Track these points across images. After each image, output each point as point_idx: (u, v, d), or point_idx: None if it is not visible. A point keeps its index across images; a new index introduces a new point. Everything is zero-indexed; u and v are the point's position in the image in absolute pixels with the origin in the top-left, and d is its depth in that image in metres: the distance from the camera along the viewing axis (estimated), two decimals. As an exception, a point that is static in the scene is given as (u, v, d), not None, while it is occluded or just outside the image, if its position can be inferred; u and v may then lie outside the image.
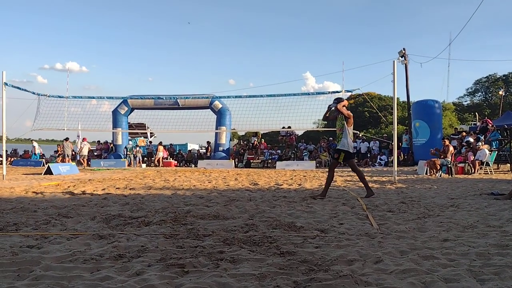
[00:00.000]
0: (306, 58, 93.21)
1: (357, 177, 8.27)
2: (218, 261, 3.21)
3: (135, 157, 24.82)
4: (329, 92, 21.54)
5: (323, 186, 8.21)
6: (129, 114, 26.10)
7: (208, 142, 27.35)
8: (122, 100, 24.78)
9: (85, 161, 23.38)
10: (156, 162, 24.93)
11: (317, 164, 22.20)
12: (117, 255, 3.41)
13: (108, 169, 20.50)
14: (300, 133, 32.41)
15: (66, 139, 24.56)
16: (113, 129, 25.13)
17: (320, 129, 34.68)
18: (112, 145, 26.56)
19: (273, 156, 24.01)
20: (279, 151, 24.79)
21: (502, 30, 75.74)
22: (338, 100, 7.84)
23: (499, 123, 21.00)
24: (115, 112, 25.37)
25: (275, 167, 22.02)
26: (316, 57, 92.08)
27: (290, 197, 7.77)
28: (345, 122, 7.68)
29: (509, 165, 17.02)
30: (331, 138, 26.39)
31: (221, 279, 2.76)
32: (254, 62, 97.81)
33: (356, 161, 23.60)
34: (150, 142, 28.30)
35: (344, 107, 7.75)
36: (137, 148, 25.84)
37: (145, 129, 27.74)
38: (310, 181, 11.80)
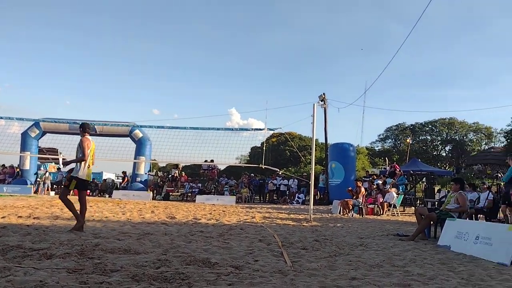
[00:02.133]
0: (233, 94, 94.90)
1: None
2: (124, 299, 3.03)
3: (43, 184, 23.15)
4: (252, 129, 22.07)
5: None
6: (40, 138, 24.49)
7: (124, 172, 26.37)
8: (33, 122, 23.29)
9: None
10: (66, 190, 23.44)
11: (238, 200, 22.24)
12: (11, 291, 3.09)
13: (11, 196, 18.85)
14: (222, 167, 32.51)
15: None
16: (21, 152, 23.35)
17: (242, 164, 35.04)
18: (18, 169, 24.56)
19: (193, 190, 23.69)
20: (199, 185, 24.54)
21: (411, 84, 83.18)
22: (82, 130, 7.51)
23: (406, 168, 22.65)
24: (24, 135, 23.68)
25: (194, 200, 21.70)
26: (243, 94, 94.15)
27: (207, 232, 7.65)
28: (82, 151, 7.35)
29: (413, 208, 18.30)
30: (253, 174, 26.72)
31: (125, 318, 2.61)
32: (181, 94, 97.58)
33: (275, 198, 24.06)
34: (59, 168, 26.62)
35: (87, 139, 7.36)
36: (47, 175, 24.18)
37: (57, 155, 26.13)
38: (229, 216, 11.75)
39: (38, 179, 23.71)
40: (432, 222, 8.30)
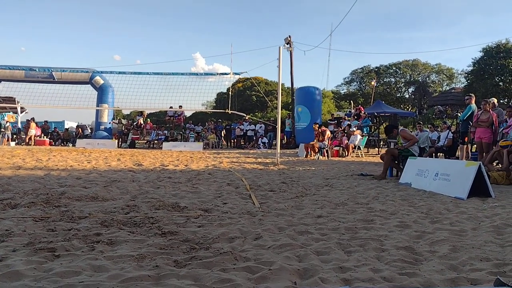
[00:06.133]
0: (197, 38, 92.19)
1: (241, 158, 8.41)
2: (93, 244, 3.03)
3: (4, 134, 22.33)
4: (217, 74, 21.70)
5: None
6: (-6, 86, 23.31)
7: (77, 126, 25.89)
8: (-14, 70, 22.02)
9: None
10: (27, 140, 22.72)
11: (205, 146, 22.24)
12: (-25, 241, 3.03)
13: (-32, 147, 18.15)
14: (188, 114, 32.18)
15: None
16: (-25, 102, 22.25)
17: (209, 110, 34.75)
18: (-26, 120, 23.51)
19: (159, 137, 23.46)
20: (166, 132, 24.29)
21: (376, 25, 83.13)
22: None
23: (370, 110, 23.08)
24: (-23, 84, 22.47)
25: (161, 147, 21.56)
26: (207, 38, 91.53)
27: (175, 178, 7.66)
28: None
29: (377, 149, 18.88)
30: (220, 120, 26.62)
31: (96, 261, 2.61)
32: (142, 39, 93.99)
33: (243, 143, 24.22)
34: (30, 119, 25.68)
35: None
36: (7, 125, 23.27)
37: (15, 104, 25.06)
38: (197, 162, 11.78)
39: (2, 129, 22.84)
40: (394, 158, 8.63)
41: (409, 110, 43.20)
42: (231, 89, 24.01)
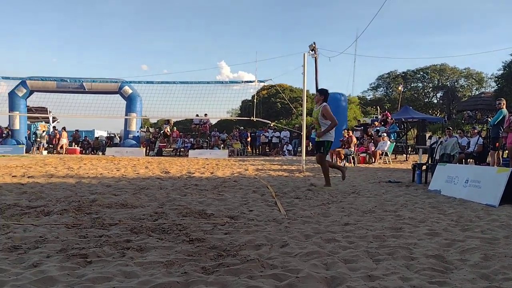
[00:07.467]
0: (222, 46, 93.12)
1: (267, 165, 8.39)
2: (124, 250, 3.09)
3: (39, 144, 23.09)
4: (242, 82, 21.83)
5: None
6: (27, 97, 24.07)
7: (107, 137, 26.72)
8: (20, 81, 22.79)
9: None
10: (58, 149, 23.36)
11: (230, 153, 22.36)
12: (12, 246, 3.14)
13: (3, 156, 18.78)
14: (213, 121, 32.45)
15: None
16: (9, 112, 23.04)
17: (234, 118, 34.96)
18: (8, 130, 24.30)
19: (185, 145, 23.72)
20: (192, 140, 24.53)
21: (403, 30, 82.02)
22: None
23: (397, 116, 22.77)
24: (11, 94, 23.23)
25: (187, 155, 21.79)
26: (232, 46, 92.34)
27: (201, 185, 7.74)
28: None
29: (405, 155, 18.56)
30: (242, 128, 26.73)
31: (126, 267, 2.67)
32: (169, 49, 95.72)
33: (268, 150, 24.23)
34: (54, 127, 26.49)
35: None
36: (43, 134, 24.05)
37: (47, 113, 25.85)
38: (223, 170, 11.86)
39: (38, 139, 23.64)
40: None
41: (438, 115, 42.35)
42: (255, 96, 24.10)
